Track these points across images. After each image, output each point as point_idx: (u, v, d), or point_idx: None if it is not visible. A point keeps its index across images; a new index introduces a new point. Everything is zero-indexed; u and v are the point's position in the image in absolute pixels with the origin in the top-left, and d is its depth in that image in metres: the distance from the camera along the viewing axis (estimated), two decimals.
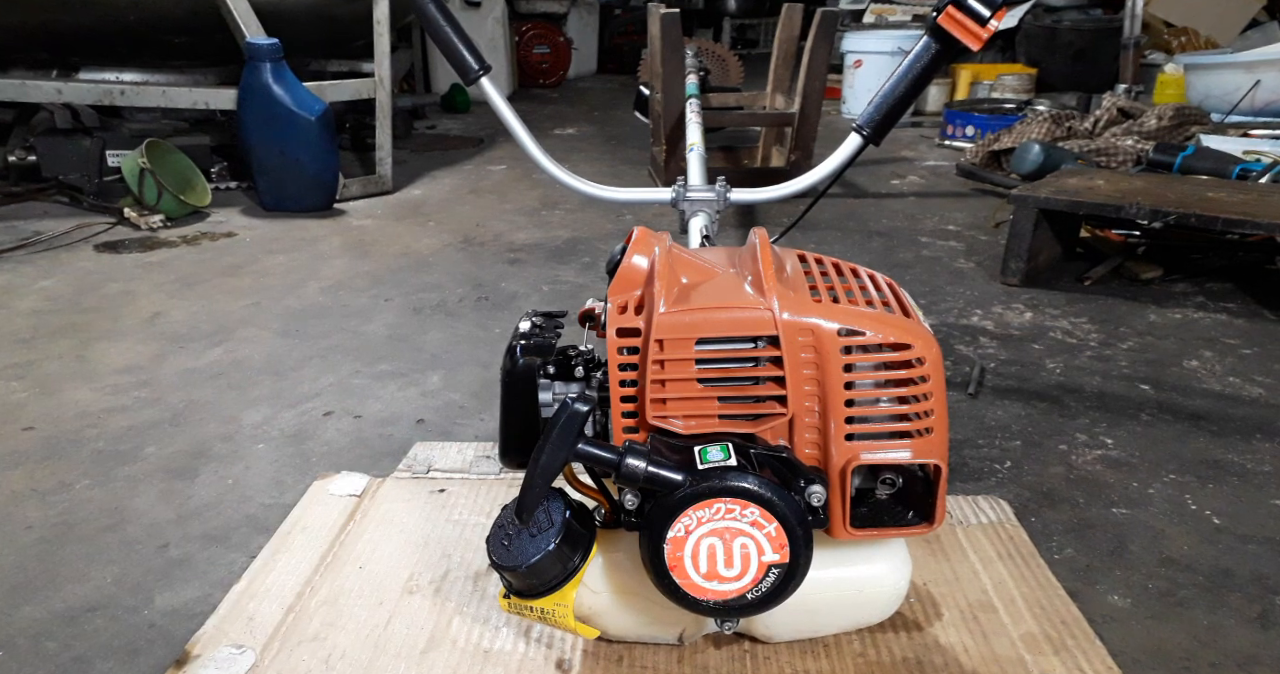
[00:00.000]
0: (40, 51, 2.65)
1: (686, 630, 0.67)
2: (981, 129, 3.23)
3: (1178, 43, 3.99)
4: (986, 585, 0.76)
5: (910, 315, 0.60)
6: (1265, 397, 1.36)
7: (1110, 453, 1.20)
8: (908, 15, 4.49)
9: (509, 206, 2.58)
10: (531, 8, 5.20)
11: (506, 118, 1.14)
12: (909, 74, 0.96)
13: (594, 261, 2.05)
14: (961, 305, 1.77)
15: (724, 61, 3.18)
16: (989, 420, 1.29)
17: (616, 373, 0.60)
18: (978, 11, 0.88)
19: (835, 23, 2.57)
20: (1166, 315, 1.71)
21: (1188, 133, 2.61)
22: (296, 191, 2.49)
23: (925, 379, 0.58)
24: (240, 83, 2.38)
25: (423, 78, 4.72)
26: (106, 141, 2.54)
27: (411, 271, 2.00)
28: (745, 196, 1.16)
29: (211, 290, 1.88)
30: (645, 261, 0.62)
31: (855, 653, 0.68)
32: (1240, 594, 0.91)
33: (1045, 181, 1.96)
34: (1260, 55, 2.96)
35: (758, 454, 0.57)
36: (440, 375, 1.46)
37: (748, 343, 0.59)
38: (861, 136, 1.00)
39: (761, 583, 0.56)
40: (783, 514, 0.54)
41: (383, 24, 2.61)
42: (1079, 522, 1.04)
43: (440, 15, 1.07)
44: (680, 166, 1.71)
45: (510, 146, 3.40)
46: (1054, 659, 0.67)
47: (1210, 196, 1.77)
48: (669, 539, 0.55)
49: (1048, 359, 1.51)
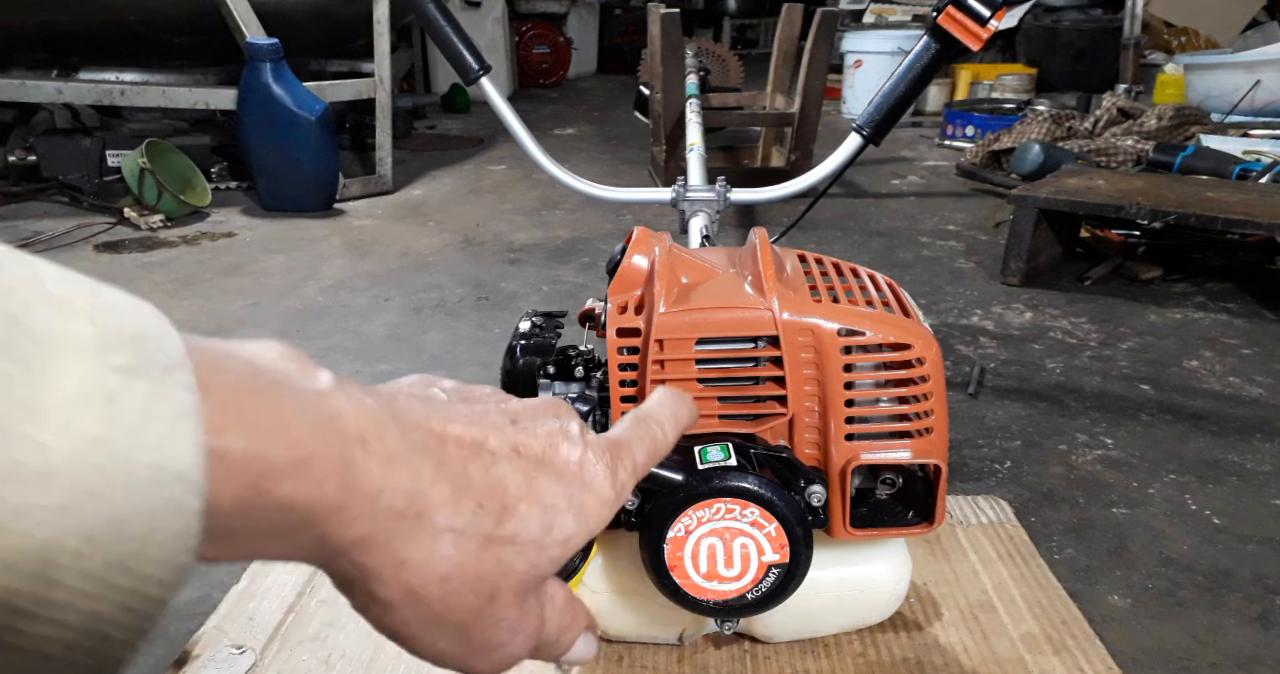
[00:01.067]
0: (40, 51, 2.65)
1: (686, 630, 0.67)
2: (981, 129, 3.23)
3: (1178, 43, 3.99)
4: (986, 585, 0.76)
5: (910, 315, 0.60)
6: (1265, 397, 1.36)
7: (1110, 453, 1.20)
8: (908, 15, 4.49)
9: (509, 206, 2.58)
10: (531, 8, 5.20)
11: (506, 118, 1.14)
12: (909, 74, 0.96)
13: (594, 261, 2.05)
14: (961, 305, 1.77)
15: (724, 61, 3.18)
16: (989, 420, 1.29)
17: (616, 373, 0.60)
18: (978, 11, 0.88)
19: (835, 23, 2.57)
20: (1166, 315, 1.71)
21: (1188, 133, 2.61)
22: (296, 191, 2.49)
23: (925, 379, 0.58)
24: (240, 83, 2.38)
25: (423, 78, 4.72)
26: (106, 141, 2.54)
27: (411, 271, 2.00)
28: (745, 196, 1.16)
29: (211, 290, 1.88)
30: (645, 261, 0.62)
31: (855, 653, 0.68)
32: (1240, 594, 0.91)
33: (1045, 181, 1.96)
34: (1260, 55, 2.96)
35: (758, 454, 0.57)
36: (440, 375, 1.46)
37: (748, 343, 0.59)
38: (861, 136, 1.00)
39: (762, 583, 0.56)
40: (783, 514, 0.54)
41: (383, 24, 2.61)
42: (1079, 522, 1.04)
43: (440, 15, 1.08)
44: (680, 166, 1.71)
45: (510, 146, 3.40)
46: (1054, 659, 0.67)
47: (1210, 196, 1.77)
48: (669, 539, 0.55)
49: (1048, 359, 1.51)
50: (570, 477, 0.29)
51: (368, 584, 0.25)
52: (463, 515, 0.26)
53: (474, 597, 0.26)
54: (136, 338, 0.19)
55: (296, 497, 0.22)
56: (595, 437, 0.32)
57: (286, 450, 0.21)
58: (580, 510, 0.29)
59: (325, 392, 0.24)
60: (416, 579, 0.25)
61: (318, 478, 0.22)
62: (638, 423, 0.34)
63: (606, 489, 0.30)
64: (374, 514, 0.24)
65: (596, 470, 0.30)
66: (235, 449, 0.20)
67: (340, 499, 0.23)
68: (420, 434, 0.26)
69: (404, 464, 0.24)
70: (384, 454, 0.24)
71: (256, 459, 0.21)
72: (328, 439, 0.23)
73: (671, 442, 0.35)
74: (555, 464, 0.29)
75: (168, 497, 0.18)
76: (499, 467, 0.28)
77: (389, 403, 0.26)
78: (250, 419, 0.21)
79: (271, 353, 0.24)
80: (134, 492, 0.17)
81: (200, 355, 0.20)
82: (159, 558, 0.18)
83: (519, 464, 0.28)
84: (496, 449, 0.28)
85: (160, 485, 0.18)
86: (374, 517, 0.24)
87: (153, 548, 0.18)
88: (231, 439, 0.20)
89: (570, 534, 0.29)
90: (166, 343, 0.19)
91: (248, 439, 0.21)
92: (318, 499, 0.22)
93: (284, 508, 0.22)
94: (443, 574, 0.26)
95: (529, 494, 0.28)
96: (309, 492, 0.22)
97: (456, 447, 0.27)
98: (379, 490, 0.24)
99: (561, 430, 0.30)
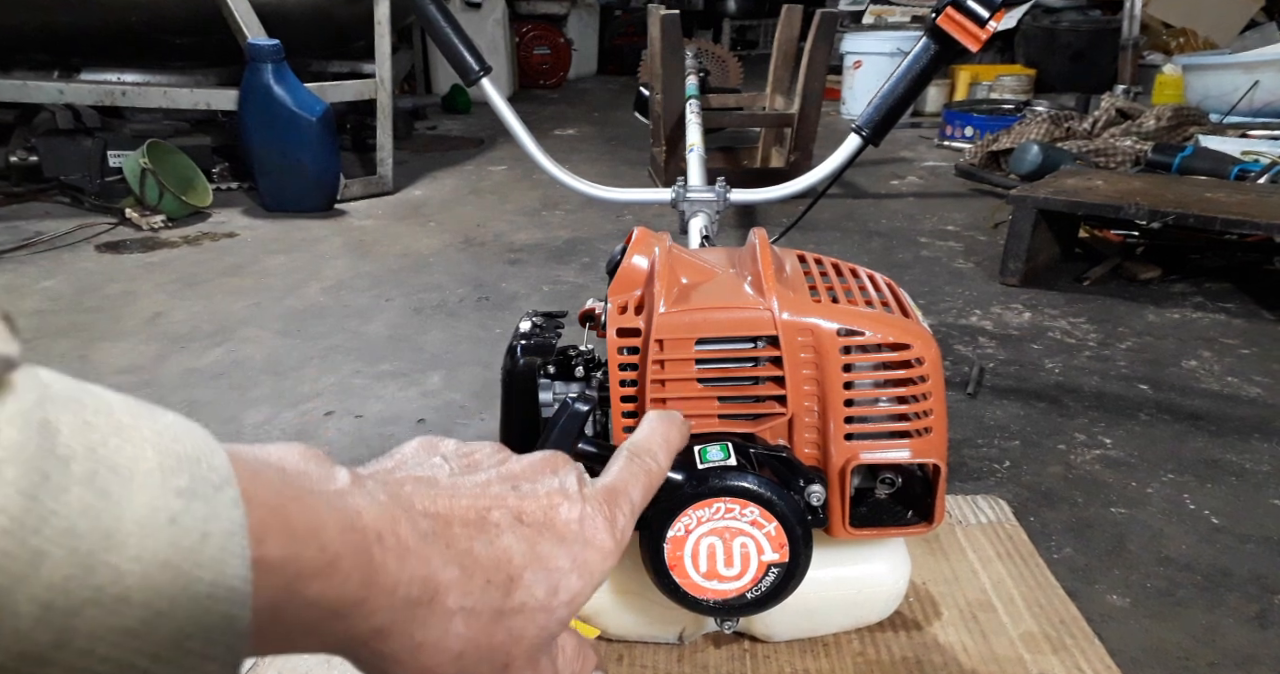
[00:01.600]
0: (41, 52, 2.66)
1: (686, 630, 0.68)
2: (980, 129, 3.23)
3: (1176, 43, 3.99)
4: (985, 585, 0.76)
5: (909, 315, 0.61)
6: (1263, 396, 1.37)
7: (1109, 453, 1.20)
8: (907, 16, 4.49)
9: (509, 207, 2.58)
10: (532, 9, 5.20)
11: (507, 118, 1.14)
12: (908, 75, 0.96)
13: (594, 262, 2.05)
14: (960, 305, 1.77)
15: (724, 62, 3.19)
16: (988, 420, 1.29)
17: (616, 373, 0.60)
18: (976, 12, 0.88)
19: (835, 24, 2.57)
20: (1165, 315, 1.71)
21: (1186, 133, 2.61)
22: (297, 192, 2.49)
23: (924, 379, 0.58)
24: (241, 83, 2.38)
25: (423, 78, 4.73)
26: (108, 142, 2.54)
27: (412, 272, 2.00)
28: (745, 197, 1.16)
29: (212, 290, 1.88)
30: (645, 262, 0.62)
31: (854, 652, 0.68)
32: (1239, 594, 0.92)
33: (1044, 182, 1.96)
34: (1259, 56, 2.97)
35: (757, 454, 0.57)
36: (441, 375, 1.46)
37: (747, 343, 0.59)
38: (861, 137, 1.00)
39: (761, 582, 0.56)
40: (782, 513, 0.55)
41: (384, 25, 2.61)
42: (1078, 521, 1.04)
43: (441, 16, 1.08)
44: (680, 167, 1.71)
45: (511, 147, 3.40)
46: (1053, 658, 0.68)
47: (1209, 197, 1.78)
48: (669, 539, 0.55)
49: (1046, 359, 1.51)
50: (572, 537, 0.30)
51: (387, 668, 0.26)
52: (472, 595, 0.27)
53: (489, 668, 0.28)
54: (192, 460, 0.20)
55: (325, 595, 0.23)
56: (592, 488, 0.33)
57: (319, 553, 0.23)
58: (584, 568, 0.30)
59: (344, 491, 0.25)
60: (433, 659, 0.26)
61: (343, 577, 0.23)
62: (630, 460, 0.36)
63: (608, 542, 0.31)
64: (392, 606, 0.25)
65: (596, 524, 0.31)
66: (274, 556, 0.22)
67: (362, 595, 0.24)
68: (428, 522, 0.27)
69: (416, 555, 0.26)
70: (398, 548, 0.25)
71: (292, 562, 0.22)
72: (352, 540, 0.24)
73: (666, 468, 0.37)
74: (557, 526, 0.30)
75: (223, 613, 0.19)
76: (503, 538, 0.29)
77: (398, 492, 0.27)
78: (288, 526, 0.22)
79: (294, 455, 0.26)
80: (194, 610, 0.19)
81: (239, 467, 0.22)
82: (211, 671, 0.19)
83: (522, 533, 0.29)
84: (500, 521, 0.29)
85: (216, 601, 0.19)
86: (392, 608, 0.25)
87: (209, 663, 0.19)
88: (271, 547, 0.21)
89: (576, 593, 0.30)
90: (216, 461, 0.21)
91: (285, 545, 0.22)
92: (343, 596, 0.24)
93: (312, 605, 0.23)
94: (457, 652, 0.27)
95: (533, 561, 0.29)
96: (335, 590, 0.23)
97: (461, 525, 0.28)
98: (395, 583, 0.25)
99: (561, 490, 0.31)
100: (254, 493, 0.21)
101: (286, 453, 0.25)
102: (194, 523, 0.19)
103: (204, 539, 0.19)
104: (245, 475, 0.22)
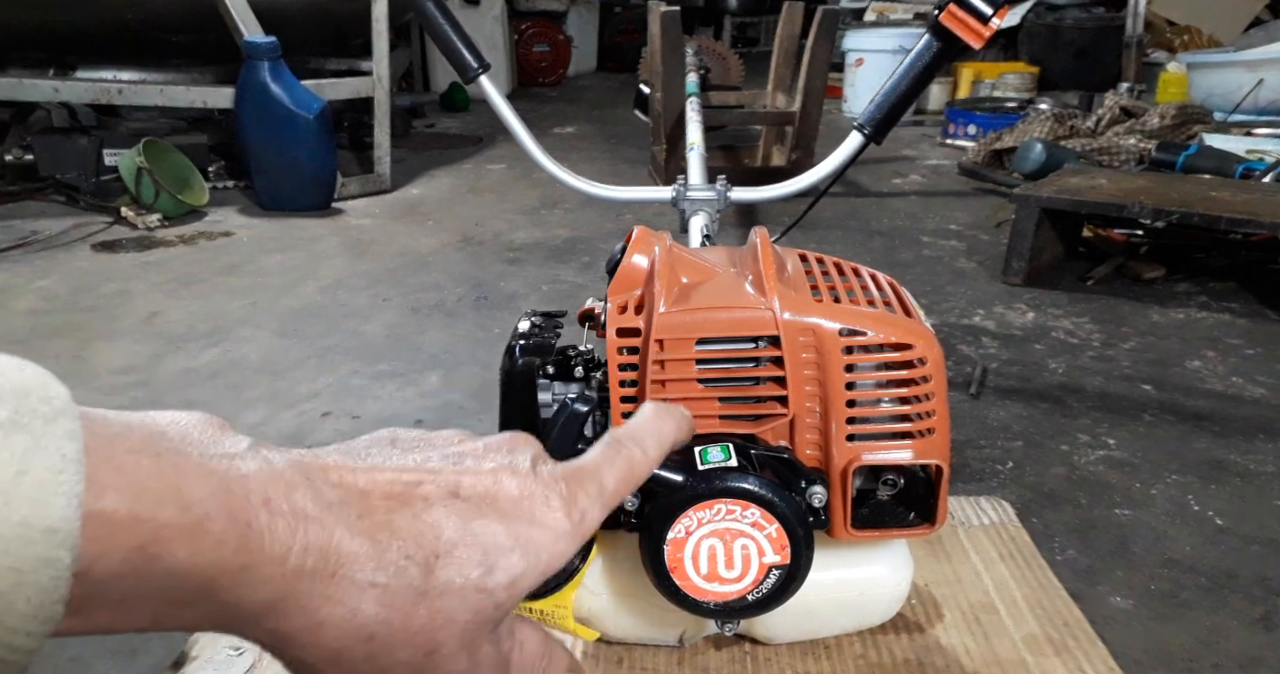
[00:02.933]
0: (37, 50, 2.65)
1: (687, 632, 0.67)
2: (983, 128, 3.22)
3: (1180, 41, 3.98)
4: (988, 587, 0.75)
5: (912, 315, 0.60)
6: (1268, 397, 1.36)
7: (1112, 453, 1.19)
8: (909, 13, 4.49)
9: (508, 206, 2.57)
10: (531, 6, 5.19)
11: (506, 116, 1.13)
12: (910, 72, 0.95)
13: (593, 261, 2.05)
14: (963, 305, 1.76)
15: (724, 60, 3.18)
16: (991, 421, 1.28)
17: (616, 373, 0.59)
18: (980, 9, 0.88)
19: (836, 21, 2.56)
20: (1169, 315, 1.70)
21: (1190, 132, 2.60)
22: (294, 190, 2.48)
23: (927, 379, 0.57)
24: (238, 81, 2.37)
25: (421, 76, 4.72)
26: (104, 140, 2.53)
27: (410, 271, 2.00)
28: (746, 196, 1.15)
29: (209, 290, 1.87)
30: (645, 261, 0.61)
31: (856, 654, 0.67)
32: (1243, 595, 0.91)
33: (1047, 181, 1.95)
34: (1263, 54, 2.96)
35: (758, 455, 0.56)
36: (439, 375, 1.45)
37: (748, 343, 0.58)
38: (863, 135, 0.99)
39: (762, 584, 0.55)
40: (784, 515, 0.54)
41: (381, 22, 2.61)
42: (1081, 522, 1.03)
43: (439, 13, 1.07)
44: (680, 165, 1.70)
45: (509, 145, 3.39)
46: (1055, 660, 0.67)
47: (1213, 196, 1.77)
48: (669, 541, 0.55)
49: (1050, 359, 1.50)
50: (516, 514, 0.28)
51: (288, 651, 0.24)
52: (386, 570, 0.25)
53: (408, 652, 0.25)
54: (18, 393, 0.19)
55: (194, 561, 0.21)
56: (551, 467, 0.30)
57: (180, 513, 0.21)
58: (528, 547, 0.28)
59: (232, 454, 0.23)
60: (338, 640, 0.24)
61: (214, 540, 0.21)
62: (610, 445, 0.33)
63: (561, 523, 0.29)
64: (283, 576, 0.23)
65: (550, 502, 0.29)
66: (120, 510, 0.20)
67: (242, 562, 0.22)
68: (338, 491, 0.25)
69: (315, 522, 0.24)
70: (291, 514, 0.23)
71: (145, 521, 0.20)
72: (227, 502, 0.22)
73: (654, 460, 0.34)
74: (499, 502, 0.28)
75: (36, 554, 0.18)
76: (431, 512, 0.26)
77: (308, 462, 0.25)
78: (139, 481, 0.20)
79: (188, 421, 0.24)
80: (1, 549, 0.17)
81: (94, 422, 0.20)
82: (25, 612, 0.18)
83: (456, 507, 0.27)
84: (430, 495, 0.27)
85: (28, 542, 0.18)
86: (284, 579, 0.23)
87: (19, 602, 0.18)
88: (115, 499, 0.20)
89: (519, 574, 0.27)
90: (51, 393, 0.19)
91: (135, 500, 0.20)
92: (217, 563, 0.22)
93: (181, 573, 0.21)
94: (368, 633, 0.24)
95: (466, 537, 0.26)
96: (206, 556, 0.21)
97: (382, 498, 0.26)
98: (286, 551, 0.23)
99: (510, 467, 0.29)
100: (103, 444, 0.20)
101: (177, 418, 0.24)
102: (12, 455, 0.18)
103: (22, 472, 0.18)
104: (97, 427, 0.20)
